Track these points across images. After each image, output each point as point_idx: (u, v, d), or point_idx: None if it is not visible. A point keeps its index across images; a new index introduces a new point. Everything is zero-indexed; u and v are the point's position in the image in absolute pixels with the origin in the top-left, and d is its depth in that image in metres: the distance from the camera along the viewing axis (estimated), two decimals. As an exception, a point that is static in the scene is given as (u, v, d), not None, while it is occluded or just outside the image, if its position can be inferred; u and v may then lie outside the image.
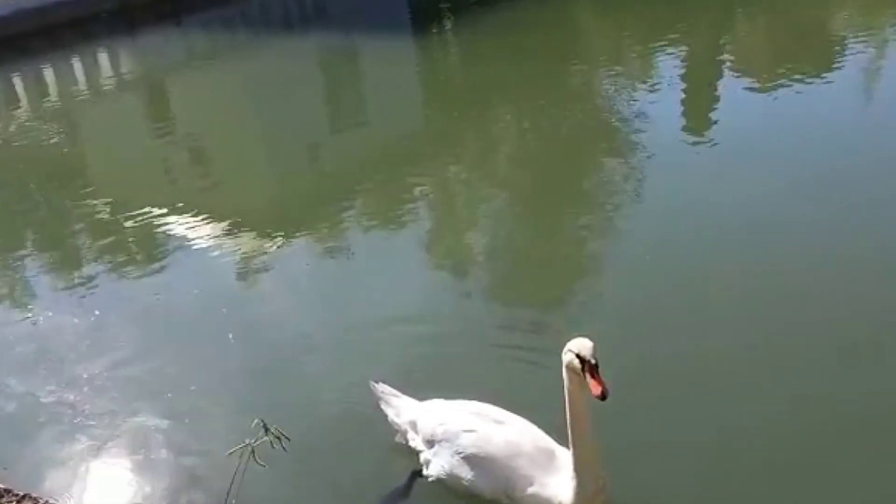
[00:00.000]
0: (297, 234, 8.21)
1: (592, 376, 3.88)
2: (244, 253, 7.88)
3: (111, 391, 5.92)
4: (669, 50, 11.42)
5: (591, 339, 3.97)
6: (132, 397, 5.80)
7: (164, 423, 5.47)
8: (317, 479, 4.87)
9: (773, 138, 8.56)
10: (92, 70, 16.44)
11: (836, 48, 11.00)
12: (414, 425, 4.78)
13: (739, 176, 7.79)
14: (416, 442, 4.76)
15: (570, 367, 4.00)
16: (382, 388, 4.97)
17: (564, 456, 4.26)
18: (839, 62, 10.44)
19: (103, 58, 17.32)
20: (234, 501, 4.28)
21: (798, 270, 6.14)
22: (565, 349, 4.02)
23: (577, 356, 3.92)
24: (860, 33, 11.36)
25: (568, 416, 4.09)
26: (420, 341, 5.93)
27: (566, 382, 4.05)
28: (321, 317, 6.63)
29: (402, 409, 4.88)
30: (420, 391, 4.96)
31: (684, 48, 11.60)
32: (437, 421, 4.63)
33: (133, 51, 17.94)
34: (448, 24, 14.72)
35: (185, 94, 14.32)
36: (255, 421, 3.76)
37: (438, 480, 4.60)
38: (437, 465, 4.60)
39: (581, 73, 11.54)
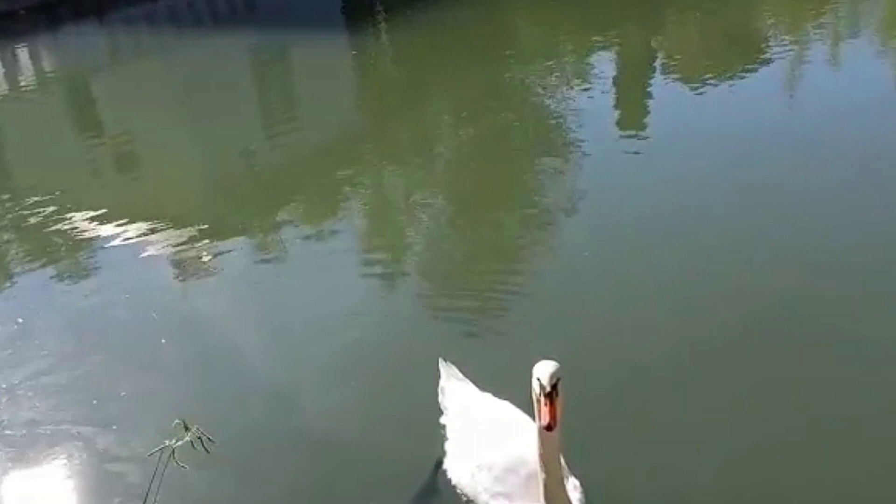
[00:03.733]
0: (231, 237, 7.99)
1: (545, 403, 3.60)
2: (175, 256, 7.66)
3: (34, 400, 5.66)
4: (602, 49, 11.54)
5: (555, 359, 3.72)
6: (56, 405, 5.57)
7: (90, 431, 5.26)
8: (245, 481, 4.78)
9: (703, 134, 8.74)
10: (12, 69, 15.84)
11: (762, 48, 11.26)
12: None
13: (671, 171, 7.96)
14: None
15: (535, 390, 3.73)
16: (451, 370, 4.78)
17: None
18: (764, 61, 10.70)
19: (24, 56, 16.70)
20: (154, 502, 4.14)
21: (728, 262, 6.27)
22: (534, 369, 3.74)
23: (538, 379, 3.65)
24: (784, 34, 11.68)
25: (538, 447, 3.82)
26: (353, 342, 5.86)
27: (535, 408, 3.77)
28: (255, 319, 6.47)
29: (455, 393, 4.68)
30: (349, 392, 4.84)
31: (616, 47, 11.74)
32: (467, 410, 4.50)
33: (55, 49, 17.34)
34: (382, 23, 14.60)
35: (110, 94, 13.87)
36: (176, 421, 3.62)
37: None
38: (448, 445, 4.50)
39: (516, 71, 11.55)
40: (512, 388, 4.11)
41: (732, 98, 9.75)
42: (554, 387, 3.62)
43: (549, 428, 3.60)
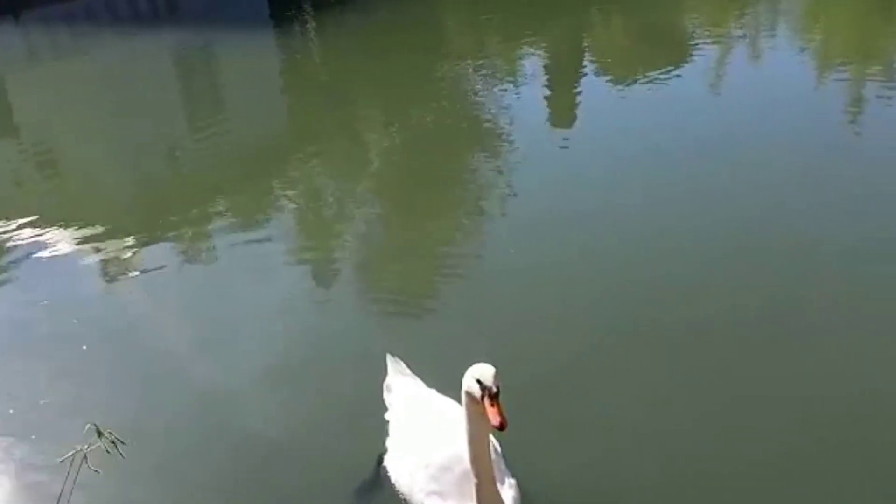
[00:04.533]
0: (157, 239, 7.78)
1: (492, 404, 3.62)
2: (99, 260, 7.42)
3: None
4: (532, 47, 11.60)
5: (490, 364, 3.75)
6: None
7: (7, 441, 5.05)
8: (176, 485, 4.70)
9: (629, 131, 8.86)
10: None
11: (686, 46, 11.48)
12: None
13: (599, 167, 8.09)
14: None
15: (469, 394, 3.74)
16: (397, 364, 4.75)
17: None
18: (688, 59, 10.90)
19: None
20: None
21: (655, 255, 6.39)
22: (466, 374, 3.77)
23: (478, 382, 3.66)
24: (707, 32, 11.93)
25: (467, 448, 3.86)
26: (288, 342, 5.79)
27: (465, 411, 3.81)
28: (184, 322, 6.30)
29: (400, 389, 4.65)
30: (285, 392, 4.82)
31: (545, 46, 11.81)
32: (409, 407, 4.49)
33: (-33, 49, 16.68)
34: (310, 21, 14.42)
35: (28, 95, 13.39)
36: (88, 426, 3.48)
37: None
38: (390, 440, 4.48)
39: (447, 69, 11.53)
40: (450, 383, 4.06)
41: (658, 95, 9.89)
42: (495, 391, 3.65)
43: (501, 427, 3.61)
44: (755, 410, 4.82)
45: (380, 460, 4.57)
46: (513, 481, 4.17)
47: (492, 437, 4.17)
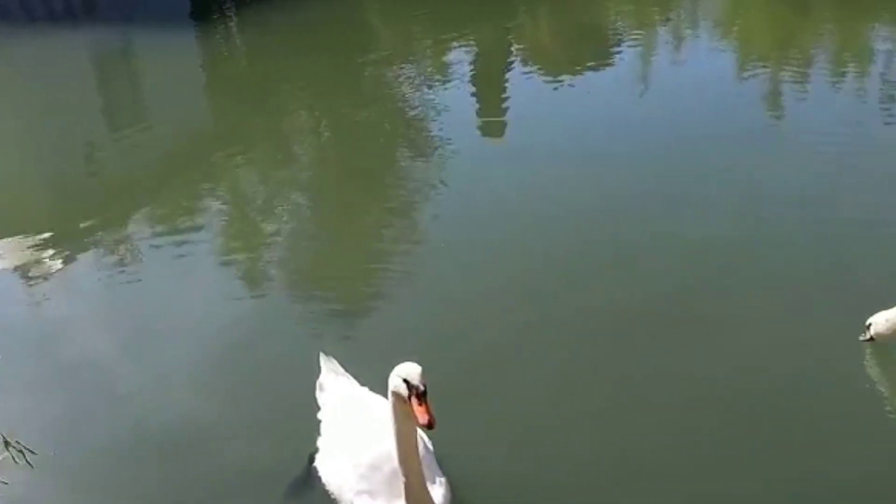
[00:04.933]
0: (76, 243, 7.50)
1: (420, 403, 3.66)
2: (15, 265, 7.14)
3: None
4: (458, 45, 11.60)
5: (420, 362, 3.82)
6: None
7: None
8: (85, 491, 4.62)
9: (558, 127, 8.94)
10: None
11: (611, 42, 11.62)
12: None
13: (528, 164, 8.14)
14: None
15: (396, 394, 3.76)
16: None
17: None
18: (614, 55, 11.04)
19: None
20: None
21: (583, 251, 6.51)
22: (392, 374, 3.79)
23: (405, 381, 3.70)
24: (631, 29, 12.13)
25: (395, 447, 3.87)
26: (216, 345, 5.70)
27: (391, 410, 3.83)
28: (101, 327, 6.12)
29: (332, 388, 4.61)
30: (209, 397, 4.80)
31: (472, 43, 11.82)
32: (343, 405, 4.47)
33: None
34: (232, 20, 14.14)
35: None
36: None
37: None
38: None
39: (374, 68, 11.44)
40: (383, 381, 4.01)
41: (585, 92, 10.01)
42: (422, 389, 3.69)
43: (430, 426, 3.65)
44: (676, 394, 5.00)
45: (311, 460, 4.53)
46: (443, 479, 4.20)
47: (423, 436, 4.22)
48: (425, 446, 4.26)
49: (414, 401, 3.68)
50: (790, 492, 4.38)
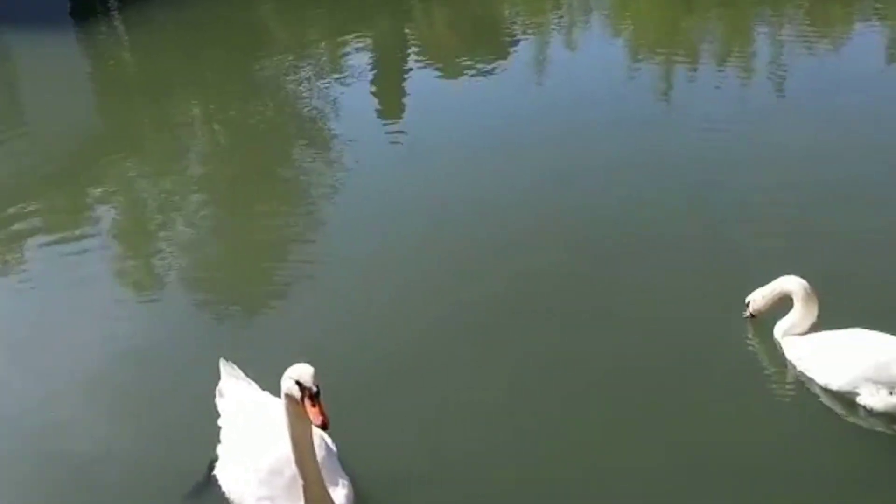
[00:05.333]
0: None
1: (313, 404, 3.65)
2: None
3: None
4: (354, 43, 11.45)
5: (309, 363, 3.80)
6: None
7: None
8: None
9: (458, 121, 8.96)
10: None
11: (508, 37, 11.71)
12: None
13: (429, 159, 8.14)
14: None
15: (288, 396, 3.73)
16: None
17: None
18: (512, 49, 11.11)
19: None
20: None
21: (480, 247, 6.54)
22: (284, 376, 3.76)
23: (297, 383, 3.68)
24: (527, 23, 12.25)
25: (292, 450, 3.85)
26: (108, 352, 5.54)
27: (285, 413, 3.79)
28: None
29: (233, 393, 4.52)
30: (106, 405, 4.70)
31: (368, 40, 11.70)
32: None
33: None
34: (115, 18, 13.56)
35: None
36: None
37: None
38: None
39: (269, 68, 11.18)
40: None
41: (483, 85, 10.03)
42: (316, 390, 3.69)
43: (324, 426, 3.67)
44: (567, 380, 5.12)
45: (211, 467, 4.43)
46: (346, 481, 4.19)
47: (326, 438, 4.25)
48: (328, 448, 4.27)
49: (307, 402, 3.67)
50: (678, 463, 4.54)
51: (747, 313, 5.43)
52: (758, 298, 5.33)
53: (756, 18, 11.46)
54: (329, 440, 4.31)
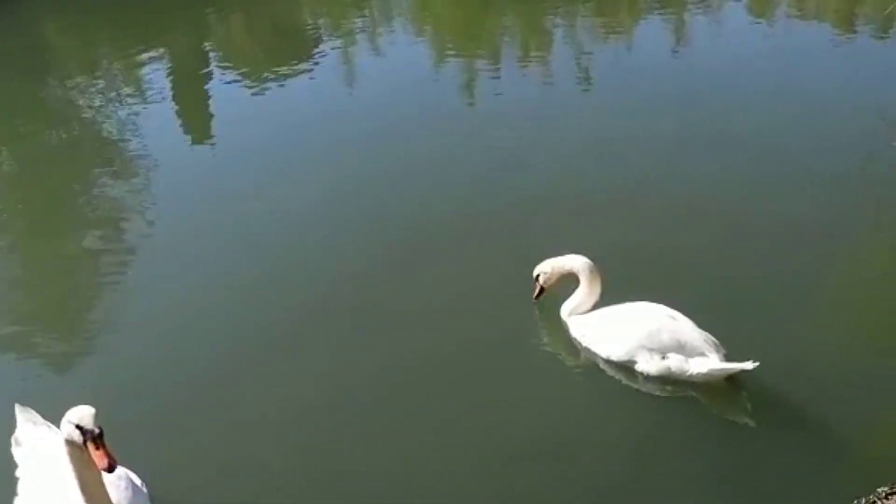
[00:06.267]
0: None
1: (97, 447, 3.50)
2: None
3: None
4: (151, 58, 10.91)
5: (93, 404, 3.67)
6: None
7: None
8: None
9: (267, 129, 8.84)
10: None
11: (312, 43, 11.57)
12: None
13: (242, 172, 8.00)
14: None
15: (69, 442, 3.56)
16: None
17: None
18: (317, 55, 10.99)
19: None
20: None
21: (291, 259, 6.53)
22: (63, 422, 3.59)
23: (78, 427, 3.51)
24: (330, 28, 12.15)
25: (82, 497, 3.69)
26: None
27: (69, 459, 3.63)
28: None
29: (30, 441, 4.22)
30: None
31: (165, 54, 11.18)
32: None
33: None
34: None
35: None
36: None
37: None
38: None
39: (59, 91, 10.47)
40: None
41: (291, 93, 9.90)
42: (98, 432, 3.56)
43: (110, 469, 3.54)
44: (377, 385, 5.26)
45: None
46: None
47: (133, 477, 4.12)
48: (136, 487, 4.13)
49: (90, 446, 3.52)
50: (479, 452, 4.78)
51: (537, 289, 5.66)
52: (547, 269, 5.58)
53: (550, 14, 11.90)
54: (136, 479, 4.16)
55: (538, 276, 5.61)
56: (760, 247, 6.36)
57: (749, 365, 4.87)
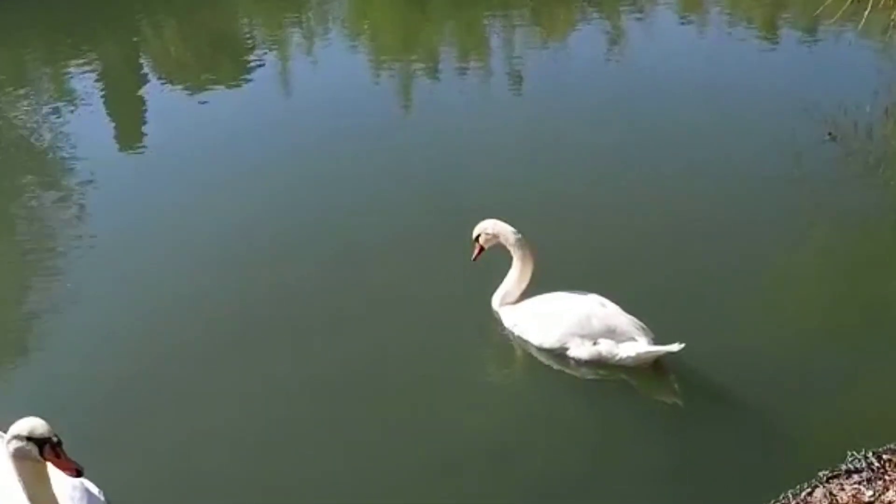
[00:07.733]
0: None
1: (58, 456, 3.35)
2: None
3: None
4: (82, 66, 10.69)
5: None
6: None
7: None
8: None
9: (203, 138, 8.78)
10: None
11: (248, 48, 11.56)
12: None
13: (176, 180, 7.91)
14: None
15: (20, 457, 3.37)
16: None
17: None
18: (253, 60, 10.94)
19: None
20: None
21: (231, 264, 6.51)
22: (8, 437, 3.41)
23: (31, 439, 3.33)
24: (267, 33, 12.14)
25: None
26: None
27: (17, 476, 3.43)
28: None
29: None
30: None
31: (99, 63, 10.96)
32: None
33: None
34: None
35: None
36: None
37: None
38: None
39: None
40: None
41: (227, 101, 9.80)
42: (56, 441, 3.42)
43: (80, 473, 3.45)
44: (325, 392, 5.26)
45: None
46: None
47: (91, 485, 3.96)
48: (93, 496, 3.96)
49: (51, 456, 3.35)
50: (421, 455, 4.78)
51: (476, 248, 5.65)
52: (488, 226, 5.58)
53: (486, 21, 11.98)
54: (93, 487, 4.02)
55: (478, 236, 5.63)
56: (695, 242, 6.47)
57: (675, 347, 4.97)
